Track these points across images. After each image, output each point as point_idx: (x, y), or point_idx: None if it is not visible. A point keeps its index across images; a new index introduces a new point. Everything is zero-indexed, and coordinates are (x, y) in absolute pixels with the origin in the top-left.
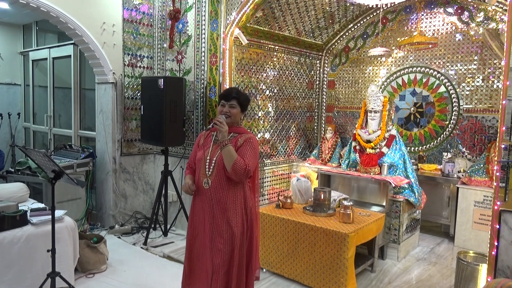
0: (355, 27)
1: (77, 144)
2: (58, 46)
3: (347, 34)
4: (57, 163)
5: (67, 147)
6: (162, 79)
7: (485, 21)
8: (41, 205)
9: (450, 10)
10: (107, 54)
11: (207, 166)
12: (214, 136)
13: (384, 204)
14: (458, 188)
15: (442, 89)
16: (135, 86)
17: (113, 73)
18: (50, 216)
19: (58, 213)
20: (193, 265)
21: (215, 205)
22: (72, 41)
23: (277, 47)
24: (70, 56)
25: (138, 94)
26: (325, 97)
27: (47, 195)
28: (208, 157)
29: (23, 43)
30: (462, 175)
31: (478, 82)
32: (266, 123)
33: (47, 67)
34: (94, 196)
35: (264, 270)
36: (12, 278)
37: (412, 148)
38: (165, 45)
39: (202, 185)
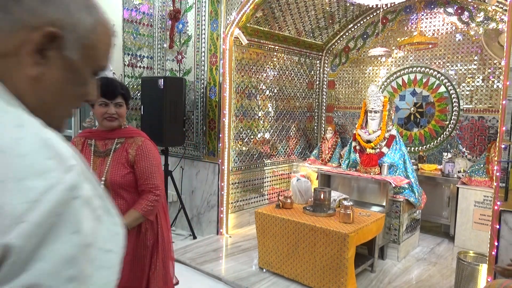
0: (355, 27)
1: None
2: None
3: (347, 34)
4: None
5: None
6: (162, 79)
7: (485, 21)
8: None
9: (450, 10)
10: None
11: None
12: (93, 146)
13: (384, 204)
14: (458, 188)
15: (442, 89)
16: (135, 86)
17: (113, 73)
18: None
19: None
20: None
21: None
22: None
23: (277, 47)
24: None
25: (138, 94)
26: (325, 97)
27: None
28: None
29: None
30: (462, 175)
31: (478, 82)
32: (266, 123)
33: None
34: None
35: (264, 270)
36: None
37: (412, 148)
38: (165, 45)
39: None
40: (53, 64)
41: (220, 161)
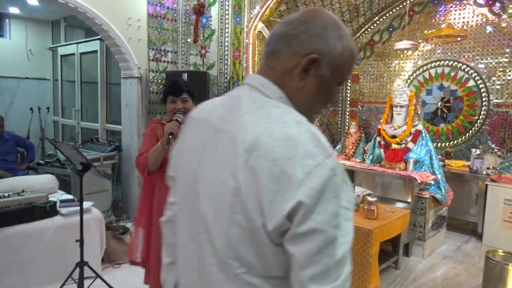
0: (381, 20)
1: (103, 137)
2: (85, 41)
3: (372, 27)
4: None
5: (94, 140)
6: (186, 74)
7: None
8: (70, 197)
9: (480, 1)
10: (132, 49)
11: None
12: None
13: (409, 200)
14: (487, 185)
15: (471, 83)
16: (160, 81)
17: (138, 67)
18: (78, 207)
19: (86, 204)
20: None
21: None
22: (99, 37)
23: None
24: (96, 51)
25: (163, 88)
26: (349, 91)
27: (75, 187)
28: None
29: (52, 38)
30: (491, 172)
31: (509, 75)
32: None
33: (75, 62)
34: (120, 188)
35: None
36: (42, 266)
37: (439, 144)
38: (189, 40)
39: None
40: (311, 79)
41: None
